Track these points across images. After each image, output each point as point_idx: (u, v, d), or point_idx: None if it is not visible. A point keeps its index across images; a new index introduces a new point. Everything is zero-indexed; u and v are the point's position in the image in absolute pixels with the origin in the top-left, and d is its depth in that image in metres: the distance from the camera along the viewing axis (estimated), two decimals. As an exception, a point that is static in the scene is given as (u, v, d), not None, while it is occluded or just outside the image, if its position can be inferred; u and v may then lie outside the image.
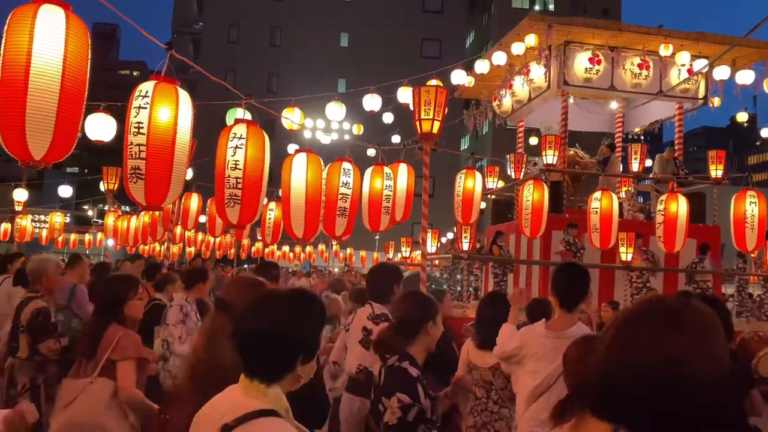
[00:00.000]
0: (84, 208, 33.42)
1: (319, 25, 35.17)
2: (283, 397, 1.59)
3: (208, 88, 23.70)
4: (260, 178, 4.00)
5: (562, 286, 3.26)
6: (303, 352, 1.63)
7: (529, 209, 7.77)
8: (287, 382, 1.62)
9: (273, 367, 1.59)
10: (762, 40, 10.73)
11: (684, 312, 0.99)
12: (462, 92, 13.35)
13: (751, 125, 58.28)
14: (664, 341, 0.95)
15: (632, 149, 10.07)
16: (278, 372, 1.59)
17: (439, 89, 5.75)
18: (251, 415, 1.51)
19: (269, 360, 1.59)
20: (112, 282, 3.51)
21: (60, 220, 17.17)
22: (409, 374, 2.53)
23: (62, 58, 2.52)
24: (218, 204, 4.09)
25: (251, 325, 1.63)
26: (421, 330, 2.68)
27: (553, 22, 10.36)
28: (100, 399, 2.95)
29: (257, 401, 1.55)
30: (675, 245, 7.11)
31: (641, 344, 0.96)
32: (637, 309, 1.04)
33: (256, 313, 1.65)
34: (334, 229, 5.31)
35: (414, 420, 2.42)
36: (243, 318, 1.67)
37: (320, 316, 1.72)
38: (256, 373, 1.59)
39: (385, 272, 4.07)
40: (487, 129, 32.24)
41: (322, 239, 20.54)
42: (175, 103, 3.20)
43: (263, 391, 1.56)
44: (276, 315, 1.63)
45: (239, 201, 3.94)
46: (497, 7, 36.15)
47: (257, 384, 1.57)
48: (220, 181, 4.03)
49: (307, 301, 1.71)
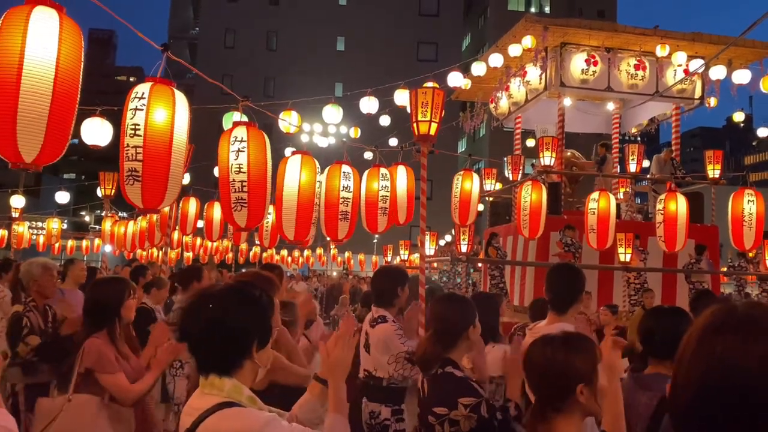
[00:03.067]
0: (81, 214, 33.38)
1: (315, 29, 35.22)
2: (243, 387, 1.58)
3: (205, 93, 23.71)
4: (264, 180, 3.97)
5: (553, 288, 3.14)
6: (253, 339, 1.61)
7: (528, 210, 7.76)
8: (247, 372, 1.61)
9: (223, 359, 1.59)
10: (758, 40, 10.75)
11: None
12: (459, 95, 13.37)
13: (748, 125, 58.37)
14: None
15: (629, 150, 10.08)
16: (231, 363, 1.59)
17: (436, 91, 5.74)
18: (207, 412, 1.52)
19: (218, 353, 1.58)
20: (103, 285, 3.35)
21: (57, 226, 17.12)
22: (456, 376, 2.44)
23: (55, 60, 2.49)
24: (225, 209, 4.04)
25: (192, 322, 1.63)
26: (461, 337, 2.56)
27: (549, 23, 10.37)
28: (83, 416, 2.86)
29: (213, 397, 1.55)
30: (676, 244, 7.10)
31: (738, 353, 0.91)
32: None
33: (195, 310, 1.64)
34: (336, 234, 5.27)
35: (489, 413, 2.34)
36: (183, 317, 1.67)
37: (264, 303, 1.69)
38: (209, 368, 1.59)
39: (387, 275, 3.94)
40: (484, 131, 32.29)
41: (320, 243, 20.51)
42: (171, 105, 3.17)
43: (218, 385, 1.56)
44: (215, 308, 1.61)
45: (246, 204, 3.90)
46: (493, 9, 36.22)
47: (213, 379, 1.57)
48: (225, 186, 3.98)
49: (247, 291, 1.69)
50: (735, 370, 0.89)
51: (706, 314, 0.99)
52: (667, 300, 9.68)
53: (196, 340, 1.61)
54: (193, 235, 13.53)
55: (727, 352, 0.91)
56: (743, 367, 0.89)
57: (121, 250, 13.81)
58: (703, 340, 0.95)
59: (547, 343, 1.87)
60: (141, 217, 12.08)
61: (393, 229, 7.54)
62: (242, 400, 1.56)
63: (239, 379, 1.59)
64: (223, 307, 1.61)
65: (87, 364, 2.94)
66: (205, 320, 1.60)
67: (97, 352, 2.96)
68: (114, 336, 3.11)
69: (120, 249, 13.77)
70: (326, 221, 5.19)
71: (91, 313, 3.16)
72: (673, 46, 10.48)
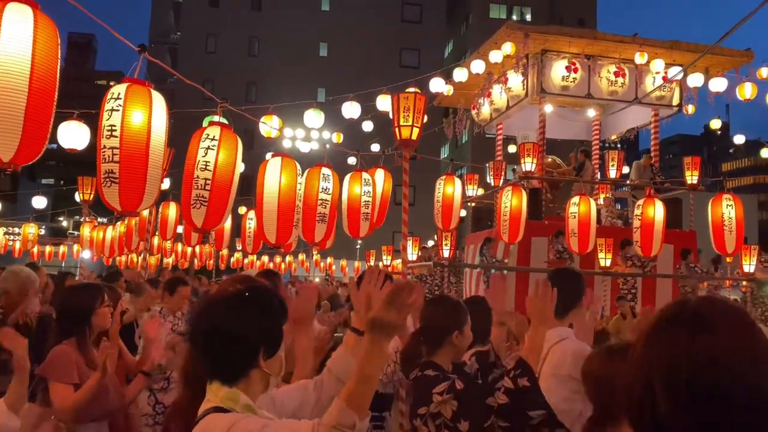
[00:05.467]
0: (59, 220, 32.89)
1: (298, 35, 35.16)
2: (240, 395, 1.51)
3: (186, 98, 23.53)
4: (230, 182, 3.88)
5: None
6: (260, 347, 1.54)
7: (508, 215, 7.80)
8: (255, 380, 1.55)
9: (227, 366, 1.53)
10: (734, 49, 10.96)
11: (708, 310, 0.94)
12: (441, 101, 13.42)
13: (725, 133, 59.47)
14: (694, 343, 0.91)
15: (609, 156, 10.19)
16: (236, 371, 1.53)
17: (418, 96, 5.75)
18: (198, 419, 1.49)
19: (221, 361, 1.53)
20: (74, 291, 3.23)
21: (34, 231, 16.83)
22: (430, 376, 2.38)
23: (30, 57, 2.44)
24: (184, 205, 3.91)
25: (197, 328, 1.58)
26: (446, 340, 2.49)
27: (530, 30, 10.47)
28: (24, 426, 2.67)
29: (209, 403, 1.51)
30: (652, 249, 7.17)
31: (674, 348, 0.91)
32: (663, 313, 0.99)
33: (202, 316, 1.60)
34: (313, 236, 5.25)
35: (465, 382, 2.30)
36: (192, 322, 1.62)
37: (273, 308, 1.62)
38: (215, 375, 1.54)
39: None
40: (466, 138, 32.43)
41: (302, 248, 20.42)
42: (148, 106, 3.13)
43: (214, 391, 1.52)
44: (218, 314, 1.56)
45: (206, 203, 3.80)
46: (475, 17, 36.49)
47: (216, 385, 1.52)
48: (188, 182, 3.87)
49: (255, 296, 1.61)
50: (681, 363, 0.90)
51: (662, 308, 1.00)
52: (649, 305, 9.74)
53: (201, 346, 1.57)
54: (173, 240, 13.39)
55: (675, 345, 0.92)
56: (689, 360, 0.89)
57: (100, 255, 13.63)
58: (654, 332, 0.96)
59: (608, 354, 1.89)
60: (120, 222, 11.93)
61: (376, 235, 7.53)
62: (236, 407, 1.49)
63: (245, 387, 1.52)
64: (226, 314, 1.55)
65: (41, 371, 2.81)
66: (209, 326, 1.55)
67: (52, 359, 2.82)
68: (83, 344, 2.97)
69: (99, 255, 13.58)
70: (303, 223, 5.15)
71: (60, 320, 3.04)
72: (651, 53, 10.64)
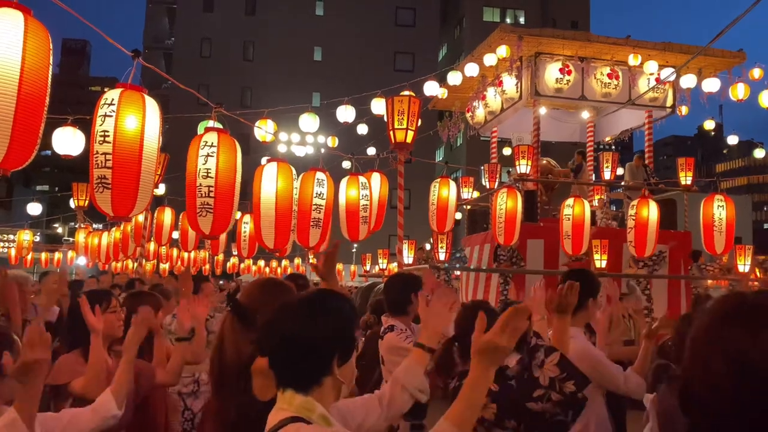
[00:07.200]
0: (54, 227, 32.80)
1: (292, 39, 35.21)
2: (316, 404, 1.47)
3: (181, 103, 23.54)
4: (233, 187, 3.92)
5: None
6: (333, 354, 1.52)
7: (503, 217, 7.81)
8: (327, 389, 1.52)
9: (300, 375, 1.50)
10: (726, 50, 11.01)
11: None
12: (435, 104, 13.45)
13: (718, 134, 59.52)
14: None
15: (603, 158, 10.21)
16: (309, 379, 1.49)
17: (412, 99, 5.78)
18: (274, 428, 1.45)
19: (294, 369, 1.50)
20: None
21: (28, 238, 16.80)
22: None
23: (20, 62, 2.44)
24: (190, 214, 3.97)
25: (268, 336, 1.55)
26: None
27: (524, 33, 10.49)
28: None
29: (283, 412, 1.47)
30: (645, 250, 7.19)
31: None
32: None
33: (271, 323, 1.56)
34: (308, 240, 5.26)
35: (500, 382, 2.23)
36: (263, 330, 1.58)
37: (346, 314, 1.60)
38: (287, 383, 1.50)
39: (400, 282, 3.75)
40: (461, 141, 32.50)
41: (298, 253, 20.41)
42: (141, 111, 3.13)
43: (288, 400, 1.48)
44: (291, 321, 1.52)
45: (212, 210, 3.85)
46: (469, 20, 36.60)
47: (289, 394, 1.49)
48: (191, 191, 3.92)
49: (328, 301, 1.60)
50: (742, 363, 0.87)
51: (716, 303, 0.97)
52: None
53: (273, 354, 1.52)
54: (168, 246, 13.37)
55: (739, 340, 0.89)
56: (751, 359, 0.87)
57: (95, 262, 13.58)
58: (711, 330, 0.93)
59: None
60: (115, 228, 11.91)
61: (372, 238, 7.53)
62: (312, 417, 1.45)
63: (319, 396, 1.49)
64: (300, 321, 1.52)
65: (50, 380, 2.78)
66: (281, 334, 1.51)
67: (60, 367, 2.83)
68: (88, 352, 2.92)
69: (94, 261, 13.54)
70: (298, 228, 5.16)
71: (68, 330, 3.08)
72: (644, 55, 10.68)
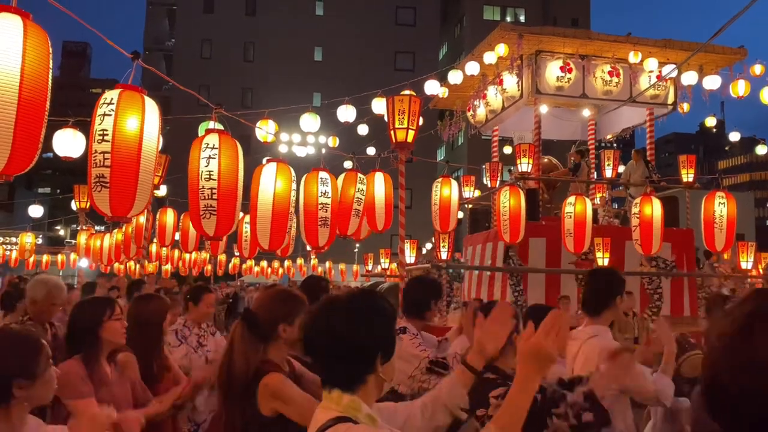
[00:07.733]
0: (56, 229, 32.84)
1: (293, 39, 35.21)
2: (362, 404, 1.50)
3: (182, 104, 23.54)
4: (235, 188, 3.93)
5: (587, 291, 3.22)
6: (377, 353, 1.54)
7: (507, 215, 7.79)
8: (371, 387, 1.55)
9: (346, 374, 1.52)
10: (727, 47, 10.98)
11: None
12: (436, 103, 13.43)
13: (720, 130, 59.46)
14: None
15: (605, 155, 10.18)
16: (354, 378, 1.52)
17: (413, 98, 5.76)
18: (323, 427, 1.47)
19: (341, 368, 1.53)
20: (80, 307, 3.18)
21: (30, 240, 16.80)
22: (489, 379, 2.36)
23: (20, 68, 2.43)
24: (193, 216, 3.98)
25: (315, 336, 1.57)
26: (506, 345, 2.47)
27: (524, 31, 10.47)
28: None
29: (331, 411, 1.49)
30: (651, 248, 7.17)
31: None
32: None
33: (318, 323, 1.58)
34: (317, 240, 5.22)
35: None
36: (309, 330, 1.60)
37: (388, 313, 1.62)
38: (333, 383, 1.53)
39: (422, 286, 3.78)
40: (462, 140, 32.48)
41: (300, 252, 20.40)
42: (141, 111, 3.12)
43: (336, 400, 1.50)
44: (338, 321, 1.54)
45: (215, 212, 3.86)
46: (469, 19, 36.57)
47: (336, 393, 1.51)
48: (194, 193, 3.93)
49: (372, 302, 1.62)
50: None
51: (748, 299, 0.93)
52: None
53: (320, 354, 1.56)
54: (170, 247, 13.37)
55: None
56: None
57: (97, 263, 13.59)
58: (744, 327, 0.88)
59: None
60: (117, 230, 11.91)
61: (374, 238, 7.51)
62: (359, 416, 1.48)
63: (363, 394, 1.52)
64: (347, 321, 1.54)
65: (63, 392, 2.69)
66: (329, 334, 1.53)
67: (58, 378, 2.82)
68: (90, 360, 2.92)
69: (96, 263, 13.54)
70: (306, 228, 5.14)
71: (69, 336, 3.03)
72: (645, 52, 10.65)
